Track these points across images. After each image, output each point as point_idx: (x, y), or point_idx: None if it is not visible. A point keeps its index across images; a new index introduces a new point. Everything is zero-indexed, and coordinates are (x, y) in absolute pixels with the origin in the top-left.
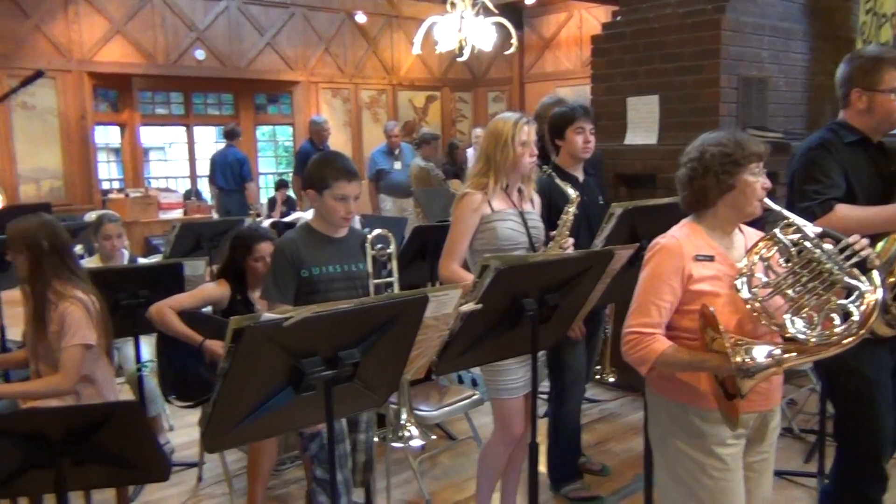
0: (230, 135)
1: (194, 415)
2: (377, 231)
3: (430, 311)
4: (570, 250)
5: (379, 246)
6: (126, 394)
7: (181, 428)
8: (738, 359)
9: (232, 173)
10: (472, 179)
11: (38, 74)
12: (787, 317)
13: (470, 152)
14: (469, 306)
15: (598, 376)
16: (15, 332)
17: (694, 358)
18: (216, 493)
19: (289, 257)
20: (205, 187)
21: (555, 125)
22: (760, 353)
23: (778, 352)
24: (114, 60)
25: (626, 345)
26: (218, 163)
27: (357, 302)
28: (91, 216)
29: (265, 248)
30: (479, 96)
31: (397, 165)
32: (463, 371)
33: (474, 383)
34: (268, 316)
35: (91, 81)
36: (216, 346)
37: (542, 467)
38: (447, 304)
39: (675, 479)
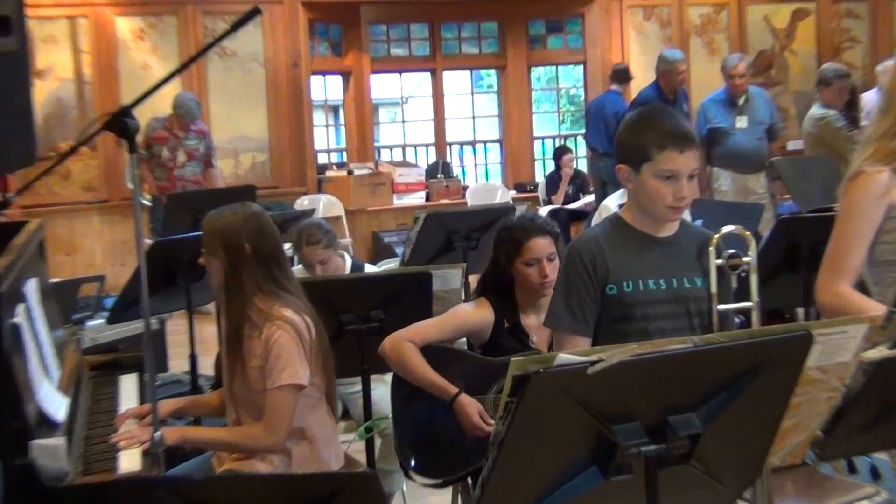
0: (617, 76)
1: (443, 495)
2: (728, 228)
3: (813, 357)
4: None
5: (730, 252)
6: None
7: None
8: None
9: (607, 130)
10: (871, 146)
11: (255, 12)
12: None
13: (869, 97)
14: (880, 352)
15: None
16: (207, 363)
17: None
18: None
19: (588, 266)
20: (455, 160)
21: None
22: None
23: None
24: None
25: None
26: (592, 114)
27: (699, 340)
28: (304, 203)
29: (542, 245)
30: (880, 8)
31: (741, 123)
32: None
33: (875, 474)
34: (564, 357)
35: (307, 15)
36: (472, 410)
37: None
38: (843, 348)
39: None
